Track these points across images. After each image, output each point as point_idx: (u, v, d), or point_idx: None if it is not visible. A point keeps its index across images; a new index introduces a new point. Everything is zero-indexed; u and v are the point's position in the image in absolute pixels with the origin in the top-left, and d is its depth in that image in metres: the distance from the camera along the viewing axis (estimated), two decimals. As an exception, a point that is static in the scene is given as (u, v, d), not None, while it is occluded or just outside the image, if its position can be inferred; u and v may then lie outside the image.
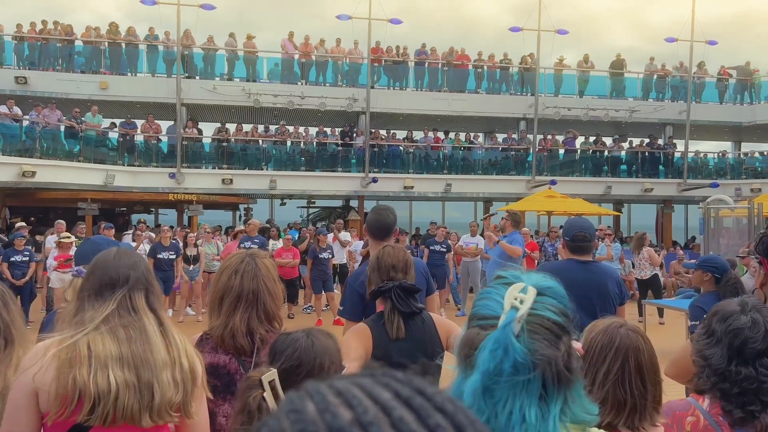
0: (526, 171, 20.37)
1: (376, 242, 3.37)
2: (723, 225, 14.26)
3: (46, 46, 18.56)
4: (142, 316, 1.70)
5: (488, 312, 0.98)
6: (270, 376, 1.53)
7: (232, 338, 2.14)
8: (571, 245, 3.69)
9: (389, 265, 2.53)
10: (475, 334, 0.97)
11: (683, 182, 20.76)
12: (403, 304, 2.44)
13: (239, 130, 19.61)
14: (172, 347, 1.71)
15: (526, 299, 0.94)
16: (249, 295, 2.16)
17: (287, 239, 11.49)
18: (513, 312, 0.94)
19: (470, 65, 21.05)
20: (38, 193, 16.46)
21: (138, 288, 1.73)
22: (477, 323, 0.99)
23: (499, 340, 0.91)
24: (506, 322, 0.92)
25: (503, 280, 1.03)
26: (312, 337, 1.68)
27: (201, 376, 1.79)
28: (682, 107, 21.08)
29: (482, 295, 1.03)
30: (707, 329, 1.76)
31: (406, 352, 2.43)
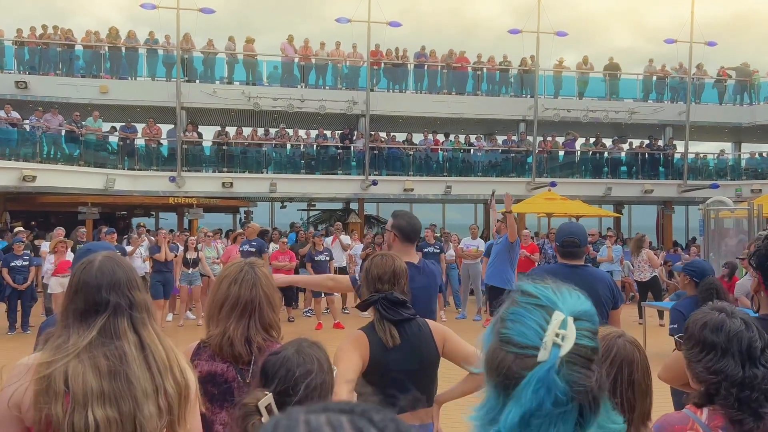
0: (526, 173, 20.38)
1: (405, 246, 3.42)
2: (723, 226, 14.26)
3: (46, 51, 18.60)
4: (123, 342, 1.65)
5: (524, 341, 0.95)
6: (266, 401, 1.53)
7: (230, 346, 2.15)
8: (561, 250, 3.74)
9: (375, 276, 2.54)
10: (511, 361, 0.94)
11: (683, 183, 20.77)
12: (391, 313, 2.45)
13: (239, 133, 19.64)
14: (156, 373, 1.66)
15: (568, 336, 0.93)
16: (247, 303, 2.18)
17: (282, 242, 11.50)
18: (556, 350, 0.92)
19: (470, 67, 21.08)
20: (39, 198, 16.49)
21: (120, 312, 1.68)
22: (512, 350, 0.95)
23: (542, 380, 0.90)
24: (551, 364, 0.91)
25: (534, 300, 0.98)
26: (301, 353, 1.67)
27: (194, 390, 1.77)
28: (682, 108, 21.09)
29: (514, 316, 0.98)
30: (703, 344, 1.72)
31: (402, 358, 2.44)
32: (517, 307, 0.99)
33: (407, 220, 3.48)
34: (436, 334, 2.56)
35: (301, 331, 10.39)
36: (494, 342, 0.99)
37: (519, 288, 1.02)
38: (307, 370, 1.63)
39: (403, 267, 2.62)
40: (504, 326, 0.99)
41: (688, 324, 1.82)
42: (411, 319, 2.52)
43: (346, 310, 12.51)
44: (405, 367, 2.45)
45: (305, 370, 1.64)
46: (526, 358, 0.93)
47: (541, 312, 0.96)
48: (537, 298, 0.98)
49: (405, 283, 2.60)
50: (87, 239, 14.67)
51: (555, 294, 0.99)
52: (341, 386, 2.29)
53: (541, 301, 0.98)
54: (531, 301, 0.98)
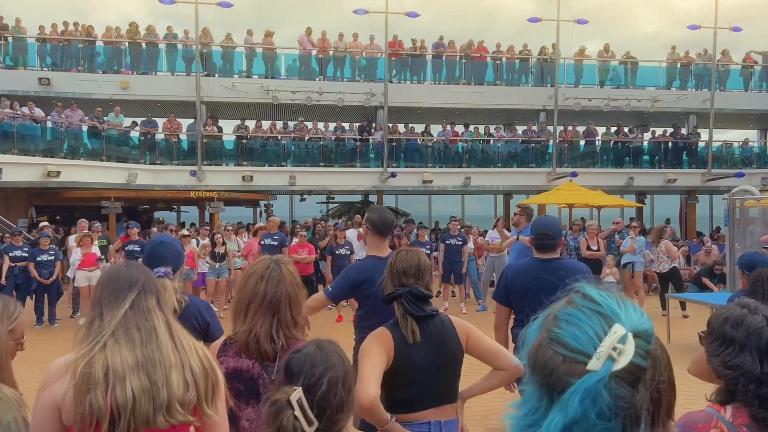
0: (546, 163, 20.20)
1: (377, 240, 3.61)
2: (749, 215, 14.00)
3: (68, 47, 18.83)
4: (153, 316, 1.76)
5: (577, 346, 0.92)
6: (297, 395, 1.54)
7: (255, 343, 2.16)
8: (536, 243, 3.80)
9: (401, 270, 2.54)
10: (558, 363, 0.92)
11: (707, 172, 20.42)
12: (415, 308, 2.44)
13: (258, 127, 19.73)
14: (181, 349, 1.75)
15: (625, 352, 0.90)
16: (273, 301, 2.18)
17: (302, 235, 11.54)
18: (610, 364, 0.89)
19: (489, 57, 20.89)
20: (63, 193, 16.75)
21: (150, 290, 1.80)
22: (562, 351, 0.93)
23: (590, 391, 0.88)
24: (602, 376, 0.88)
25: (596, 306, 0.95)
26: (323, 349, 1.69)
27: (221, 377, 1.82)
28: (706, 96, 20.71)
29: (570, 318, 0.95)
30: (722, 338, 1.70)
31: (427, 355, 2.44)
32: (575, 309, 0.96)
33: (379, 214, 3.63)
34: (459, 329, 2.54)
35: (322, 324, 10.45)
36: (542, 338, 0.97)
37: (580, 290, 0.99)
38: (329, 364, 1.65)
39: (427, 262, 2.62)
40: (557, 325, 0.96)
41: (710, 318, 1.80)
42: (434, 315, 2.51)
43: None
44: (429, 363, 2.44)
45: (328, 364, 1.66)
46: (574, 363, 0.91)
47: (600, 320, 0.94)
48: (599, 305, 0.96)
49: (429, 278, 2.60)
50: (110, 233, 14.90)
51: (619, 306, 0.96)
52: (369, 382, 2.29)
53: (603, 309, 0.95)
54: (592, 306, 0.96)
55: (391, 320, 2.56)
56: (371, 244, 3.65)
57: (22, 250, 10.66)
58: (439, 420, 2.46)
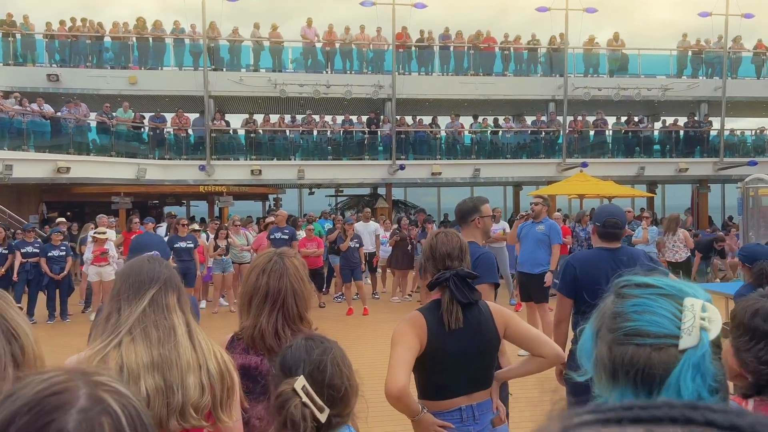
0: (556, 154, 20.05)
1: (462, 227, 3.69)
2: (762, 204, 13.84)
3: (76, 43, 18.87)
4: (172, 315, 1.72)
5: (662, 330, 0.90)
6: (300, 382, 1.51)
7: (261, 339, 2.13)
8: (602, 231, 3.68)
9: (444, 253, 2.48)
10: (648, 354, 0.89)
11: (719, 161, 20.19)
12: (461, 293, 2.39)
13: (266, 120, 19.71)
14: (200, 350, 1.72)
15: (714, 320, 0.89)
16: (276, 295, 2.14)
17: (309, 229, 11.53)
18: (705, 335, 0.88)
19: (497, 48, 20.73)
20: (73, 188, 16.84)
21: (171, 286, 1.76)
22: (646, 341, 0.90)
23: (698, 366, 0.86)
24: (705, 348, 0.87)
25: (658, 290, 0.94)
26: (313, 338, 1.68)
27: (237, 381, 1.79)
28: (718, 84, 20.45)
29: (639, 307, 0.93)
30: (753, 332, 1.64)
31: (461, 342, 2.40)
32: (636, 299, 0.94)
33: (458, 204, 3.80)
34: (497, 317, 2.49)
35: (332, 317, 10.44)
36: (611, 340, 0.93)
37: (628, 282, 0.97)
38: (324, 347, 1.64)
39: (467, 243, 2.59)
40: (626, 319, 0.93)
41: (735, 311, 1.74)
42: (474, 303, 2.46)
43: (376, 296, 12.54)
44: (463, 350, 2.40)
45: (323, 347, 1.64)
46: (665, 348, 0.89)
47: (669, 301, 0.92)
48: (660, 288, 0.95)
49: (470, 259, 2.56)
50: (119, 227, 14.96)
51: (678, 283, 0.95)
52: (398, 369, 2.26)
53: (665, 290, 0.94)
54: (653, 291, 0.94)
55: (427, 304, 2.51)
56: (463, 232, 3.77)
57: (33, 245, 10.72)
58: (470, 404, 2.43)
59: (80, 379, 0.65)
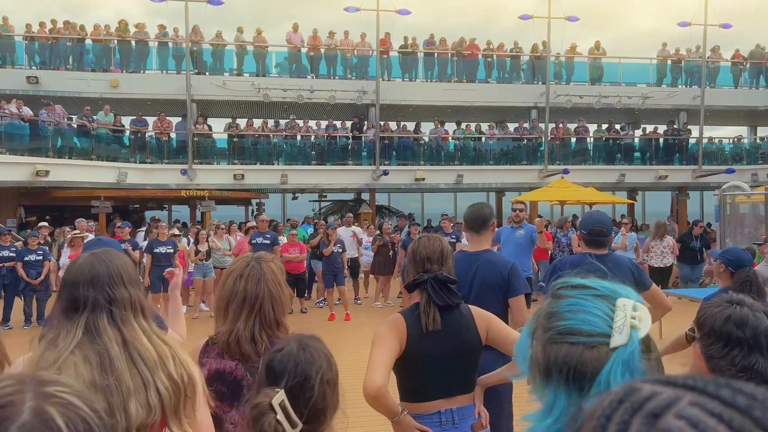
0: (538, 160, 20.21)
1: (471, 235, 3.61)
2: (739, 211, 14.08)
3: (56, 46, 18.66)
4: (105, 339, 1.65)
5: (594, 329, 0.93)
6: (279, 397, 1.49)
7: (236, 344, 2.11)
8: (588, 239, 3.71)
9: (424, 256, 2.51)
10: (580, 353, 0.92)
11: (698, 169, 20.49)
12: (438, 296, 2.41)
13: (249, 125, 19.63)
14: (143, 369, 1.64)
15: (643, 319, 0.92)
16: (253, 300, 2.13)
17: (291, 234, 11.48)
18: (635, 333, 0.91)
19: (480, 55, 20.87)
20: (52, 192, 16.60)
21: (99, 309, 1.67)
22: (579, 340, 0.93)
23: (628, 364, 0.88)
24: (634, 346, 0.90)
25: (593, 291, 0.97)
26: (306, 348, 1.63)
27: (199, 384, 1.75)
28: (696, 92, 20.77)
29: (574, 306, 0.96)
30: (726, 339, 1.67)
31: (440, 344, 2.40)
32: (571, 299, 0.97)
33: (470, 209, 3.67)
34: (479, 320, 2.50)
35: (314, 322, 10.40)
36: (546, 338, 0.96)
37: (564, 284, 1.00)
38: (313, 363, 1.60)
39: (449, 248, 2.59)
40: (560, 318, 0.96)
41: (704, 318, 1.75)
42: (455, 306, 2.47)
43: (358, 301, 12.52)
44: (442, 353, 2.40)
45: (317, 365, 1.60)
46: (597, 346, 0.92)
47: (603, 301, 0.95)
48: (594, 289, 0.98)
49: (452, 264, 2.56)
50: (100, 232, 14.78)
51: (612, 285, 0.99)
52: (376, 371, 2.26)
53: (599, 291, 0.97)
54: (587, 291, 0.97)
55: (408, 307, 2.52)
56: (469, 240, 3.72)
57: (9, 250, 10.55)
58: (450, 407, 2.43)
59: (31, 390, 0.63)
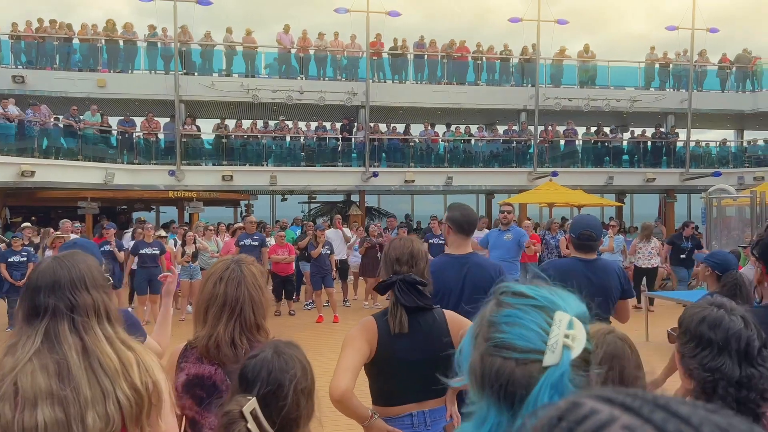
0: (527, 163, 20.28)
1: (459, 238, 3.45)
2: (726, 214, 14.20)
3: (42, 45, 18.49)
4: (64, 347, 1.59)
5: (526, 344, 0.87)
6: (250, 405, 1.46)
7: (216, 348, 2.08)
8: (577, 243, 3.69)
9: (393, 258, 2.49)
10: (512, 368, 0.87)
11: (685, 171, 20.65)
12: (406, 298, 2.38)
13: (238, 126, 19.55)
14: (103, 378, 1.59)
15: (577, 337, 0.86)
16: (233, 303, 2.10)
17: (280, 236, 11.43)
18: (567, 353, 0.85)
19: (470, 57, 20.92)
20: (38, 193, 16.43)
21: (59, 316, 1.62)
22: (512, 355, 0.87)
23: (556, 386, 0.83)
24: (564, 368, 0.84)
25: (531, 301, 0.91)
26: (281, 355, 1.60)
27: (164, 391, 1.70)
28: (684, 96, 20.93)
29: (509, 319, 0.90)
30: (698, 339, 1.66)
31: (410, 348, 2.38)
32: (509, 309, 0.91)
33: (461, 211, 3.50)
34: (452, 325, 2.47)
35: (302, 324, 10.35)
36: (485, 349, 0.90)
37: (506, 289, 0.94)
38: (287, 370, 1.57)
39: (422, 250, 2.55)
40: (497, 330, 0.90)
41: (684, 318, 1.76)
42: (427, 309, 2.44)
43: (347, 303, 12.48)
44: (413, 357, 2.38)
45: (291, 373, 1.57)
46: (529, 364, 0.86)
47: (540, 313, 0.89)
48: (533, 299, 0.91)
49: (425, 266, 2.52)
50: (86, 233, 14.65)
51: (552, 294, 0.92)
52: (342, 375, 2.24)
53: (539, 301, 0.91)
54: (527, 302, 0.91)
55: (382, 309, 2.50)
56: (452, 243, 3.48)
57: (-7, 251, 10.42)
58: (422, 410, 2.41)
59: None
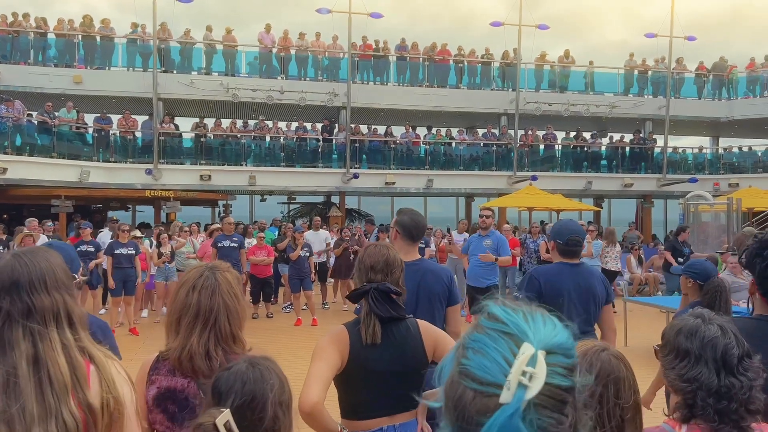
0: (507, 166, 20.36)
1: (407, 244, 3.40)
2: (701, 220, 14.40)
3: (17, 39, 18.08)
4: (16, 357, 1.46)
5: (486, 377, 0.79)
6: (224, 417, 1.38)
7: (189, 361, 1.98)
8: (563, 248, 3.68)
9: (368, 266, 2.41)
10: (469, 400, 0.79)
11: (663, 177, 20.92)
12: (380, 307, 2.31)
13: (217, 125, 19.32)
14: (49, 395, 1.46)
15: (536, 376, 0.77)
16: (207, 313, 2.00)
17: (260, 237, 11.30)
18: (521, 392, 0.76)
19: (451, 60, 20.95)
20: (10, 190, 16.05)
21: (13, 320, 1.49)
22: (471, 385, 0.80)
23: (506, 428, 0.75)
24: (515, 408, 0.76)
25: (501, 326, 0.82)
26: (256, 367, 1.54)
27: (128, 406, 1.59)
28: (662, 103, 21.21)
29: (476, 344, 0.83)
30: (676, 351, 1.63)
31: (382, 359, 2.31)
32: (480, 333, 0.83)
33: (411, 216, 3.44)
34: (426, 337, 2.40)
35: (280, 327, 10.23)
36: (454, 372, 0.83)
37: (485, 309, 0.86)
38: (262, 382, 1.50)
39: (397, 258, 2.48)
40: (464, 355, 0.83)
41: (665, 331, 1.73)
42: (401, 319, 2.37)
43: (326, 306, 12.38)
44: (386, 368, 2.31)
45: (270, 383, 1.51)
46: (486, 398, 0.78)
47: (508, 342, 0.80)
48: (504, 324, 0.82)
49: (400, 275, 2.46)
50: (60, 233, 14.33)
51: (526, 321, 0.83)
52: (312, 386, 2.17)
53: (509, 328, 0.82)
54: (497, 326, 0.82)
55: (353, 319, 2.43)
56: (400, 249, 3.35)
57: (-39, 250, 10.13)
58: (393, 424, 2.34)
59: None
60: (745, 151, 23.30)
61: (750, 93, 22.48)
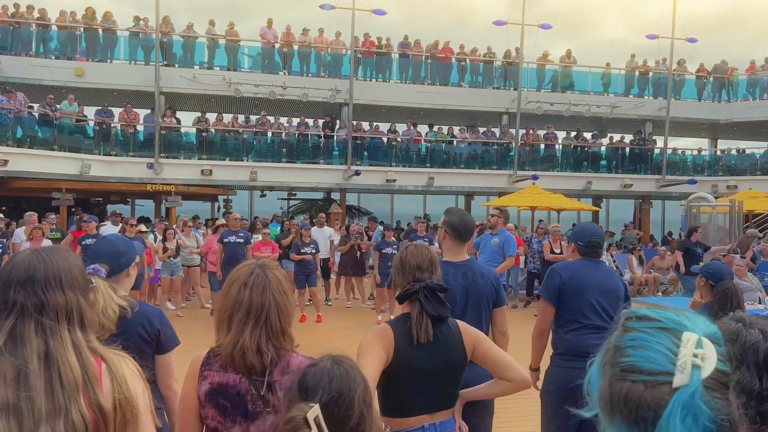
0: (508, 165, 20.40)
1: (456, 244, 3.37)
2: (700, 221, 14.48)
3: (18, 31, 17.98)
4: (27, 352, 1.45)
5: (655, 367, 0.87)
6: (314, 412, 1.41)
7: (242, 357, 2.00)
8: (585, 250, 3.76)
9: (414, 265, 2.44)
10: (641, 392, 0.86)
11: (662, 178, 21.00)
12: (431, 306, 2.35)
13: (219, 120, 19.28)
14: (59, 392, 1.44)
15: (707, 356, 0.86)
16: (259, 310, 2.02)
17: (265, 233, 11.30)
18: (697, 372, 0.84)
19: (454, 58, 20.95)
20: (10, 183, 15.98)
21: (27, 315, 1.48)
22: (640, 378, 0.87)
23: (688, 407, 0.83)
24: (694, 387, 0.83)
25: (657, 323, 0.91)
26: (342, 364, 1.57)
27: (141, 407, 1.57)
28: (662, 104, 21.28)
29: (635, 342, 0.91)
30: None
31: (427, 357, 2.34)
32: (634, 332, 0.92)
33: (459, 216, 3.44)
34: (466, 336, 2.43)
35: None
36: (612, 375, 0.91)
37: (631, 314, 0.95)
38: (348, 379, 1.53)
39: (437, 256, 2.54)
40: (623, 354, 0.90)
41: None
42: (443, 318, 2.40)
43: (329, 302, 12.39)
44: (429, 366, 2.34)
45: (355, 381, 1.54)
46: (658, 386, 0.85)
47: (667, 335, 0.89)
48: (659, 321, 0.91)
49: (440, 272, 2.51)
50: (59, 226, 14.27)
51: (678, 315, 0.92)
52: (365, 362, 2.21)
53: (664, 323, 0.91)
54: (652, 324, 0.91)
55: (395, 318, 2.45)
56: (449, 249, 3.38)
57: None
58: (433, 422, 2.38)
59: None
60: (743, 153, 23.45)
61: (749, 95, 22.59)
